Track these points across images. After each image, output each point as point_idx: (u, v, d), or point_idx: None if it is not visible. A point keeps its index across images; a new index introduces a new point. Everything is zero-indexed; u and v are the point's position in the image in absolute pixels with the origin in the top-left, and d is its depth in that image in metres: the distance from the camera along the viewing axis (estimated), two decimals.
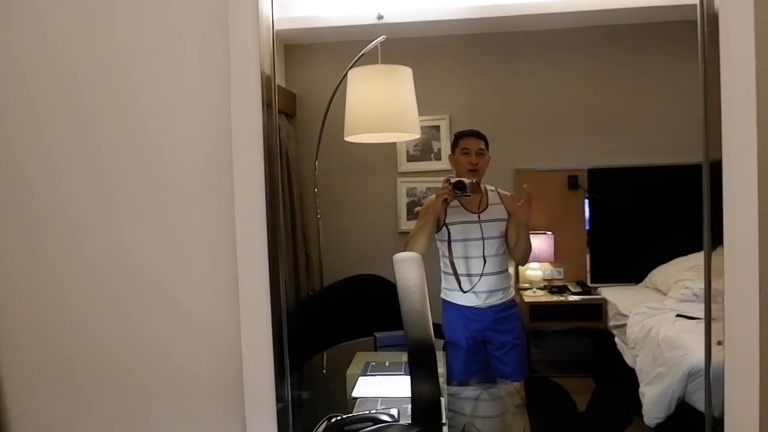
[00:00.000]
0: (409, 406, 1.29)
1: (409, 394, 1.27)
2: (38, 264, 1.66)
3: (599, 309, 2.48)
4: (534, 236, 2.41)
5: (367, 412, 1.62)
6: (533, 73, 2.43)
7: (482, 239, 2.32)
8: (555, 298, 2.50)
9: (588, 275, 2.52)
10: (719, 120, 1.39)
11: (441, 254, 2.34)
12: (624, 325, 2.39)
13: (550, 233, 2.49)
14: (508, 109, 2.45)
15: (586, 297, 2.49)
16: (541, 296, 2.51)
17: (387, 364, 2.09)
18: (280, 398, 1.51)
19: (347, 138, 2.32)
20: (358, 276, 2.41)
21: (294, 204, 2.37)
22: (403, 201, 2.52)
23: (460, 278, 2.32)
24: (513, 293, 2.41)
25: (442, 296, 2.36)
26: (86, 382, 1.66)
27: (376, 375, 2.01)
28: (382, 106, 2.35)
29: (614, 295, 2.49)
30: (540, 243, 2.47)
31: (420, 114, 2.35)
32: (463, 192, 2.26)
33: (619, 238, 2.51)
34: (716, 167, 1.42)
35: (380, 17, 2.27)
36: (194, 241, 1.60)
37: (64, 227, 1.64)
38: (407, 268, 1.32)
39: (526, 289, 2.52)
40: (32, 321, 1.67)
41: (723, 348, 1.43)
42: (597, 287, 2.51)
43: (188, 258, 1.61)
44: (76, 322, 1.66)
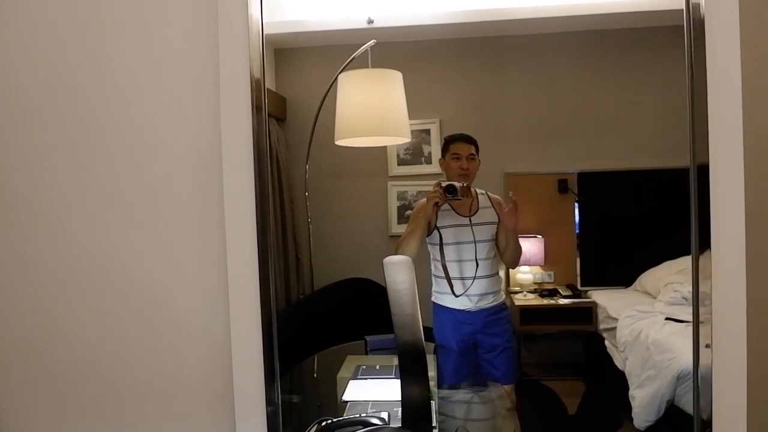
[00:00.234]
0: (400, 410, 1.29)
1: (400, 398, 1.27)
2: (26, 267, 1.66)
3: (589, 312, 2.48)
4: (524, 240, 2.41)
5: (358, 416, 1.62)
6: (523, 77, 2.44)
7: (474, 242, 2.32)
8: (545, 302, 2.50)
9: (578, 278, 2.52)
10: (706, 124, 1.40)
11: (432, 258, 2.34)
12: (614, 329, 2.40)
13: (540, 237, 2.49)
14: (498, 113, 2.46)
15: (576, 300, 2.50)
16: (532, 300, 2.51)
17: (378, 368, 2.09)
18: (270, 402, 1.51)
19: (338, 142, 2.32)
20: (349, 279, 2.40)
21: (284, 207, 2.36)
22: (394, 205, 2.52)
23: (453, 282, 2.32)
24: (503, 296, 2.41)
25: (433, 299, 2.36)
26: (76, 387, 1.66)
27: (367, 378, 2.01)
28: (373, 110, 2.35)
29: (604, 299, 2.49)
30: (530, 246, 2.47)
31: (410, 118, 2.35)
32: (454, 196, 2.26)
33: (609, 242, 2.51)
34: (703, 171, 1.43)
35: (370, 21, 2.27)
36: (184, 245, 1.60)
37: (53, 231, 1.64)
38: (398, 272, 1.32)
39: (517, 293, 2.52)
40: (21, 325, 1.67)
41: (711, 351, 1.44)
42: (587, 290, 2.51)
43: (178, 261, 1.60)
44: (66, 326, 1.65)
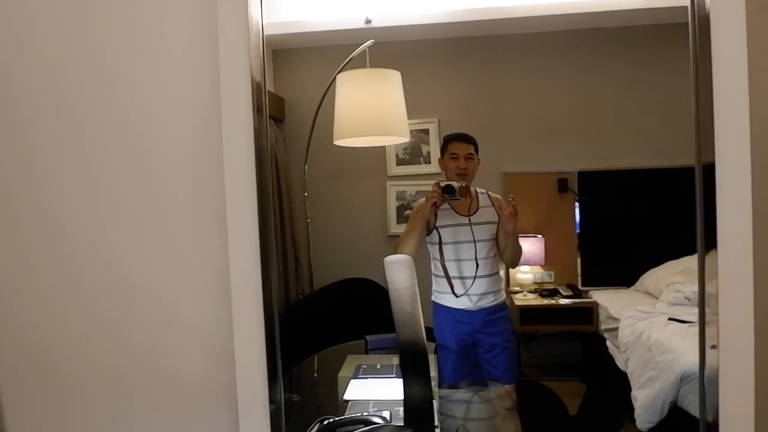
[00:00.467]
0: (401, 409, 1.28)
1: (401, 397, 1.26)
2: (26, 271, 1.64)
3: (590, 312, 2.48)
4: (524, 239, 2.41)
5: (360, 414, 1.62)
6: (522, 76, 2.44)
7: (473, 242, 2.31)
8: (545, 302, 2.50)
9: (579, 278, 2.52)
10: (711, 121, 1.39)
11: (432, 257, 2.34)
12: (615, 329, 2.39)
13: (541, 236, 2.49)
14: (497, 112, 2.45)
15: (577, 300, 2.49)
16: (532, 299, 2.51)
17: (378, 367, 2.08)
18: (273, 400, 1.51)
19: (336, 142, 2.31)
20: (348, 279, 2.40)
21: (283, 208, 2.36)
22: (393, 204, 2.52)
23: (453, 281, 2.32)
24: (504, 296, 2.40)
25: (433, 299, 2.35)
26: (78, 388, 1.65)
27: (368, 378, 2.01)
28: (371, 110, 2.35)
29: (605, 299, 2.49)
30: (530, 246, 2.47)
31: (409, 117, 2.34)
32: (452, 196, 2.25)
33: (610, 242, 2.51)
34: (708, 169, 1.41)
35: (368, 21, 2.26)
36: (186, 246, 1.59)
37: (52, 233, 1.63)
38: (398, 271, 1.31)
39: (517, 293, 2.51)
40: (21, 328, 1.66)
41: (717, 352, 1.43)
42: (588, 290, 2.51)
43: (179, 262, 1.60)
44: (67, 329, 1.64)
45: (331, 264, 2.48)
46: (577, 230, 2.50)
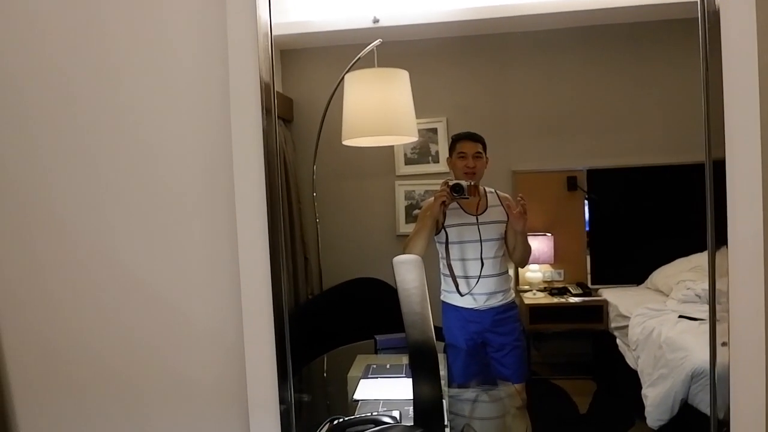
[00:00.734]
0: (411, 408, 1.28)
1: (411, 397, 1.26)
2: (36, 273, 1.65)
3: (600, 311, 2.47)
4: (533, 238, 2.40)
5: (369, 414, 1.62)
6: (530, 74, 2.42)
7: (480, 241, 2.31)
8: (555, 300, 2.49)
9: (588, 277, 2.51)
10: (721, 118, 1.38)
11: (440, 256, 2.33)
12: (625, 327, 2.38)
13: (550, 235, 2.48)
14: (506, 111, 2.44)
15: (587, 299, 2.48)
16: (541, 298, 2.50)
17: (388, 367, 2.08)
18: (283, 400, 1.51)
19: (345, 142, 2.31)
20: (357, 279, 2.40)
21: (292, 208, 2.36)
22: (402, 204, 2.51)
23: (458, 280, 2.31)
24: (513, 295, 2.39)
25: (442, 298, 2.35)
26: (89, 390, 1.66)
27: (377, 378, 2.01)
28: (379, 110, 2.35)
29: (615, 297, 2.47)
30: (539, 245, 2.46)
31: (417, 117, 2.34)
32: (461, 195, 2.25)
33: (620, 239, 2.50)
34: (718, 166, 1.41)
35: (376, 21, 2.26)
36: (196, 247, 1.60)
37: (63, 235, 1.64)
38: (407, 271, 1.31)
39: (526, 291, 2.50)
40: (32, 331, 1.67)
41: (728, 349, 1.42)
42: (597, 289, 2.50)
43: (190, 263, 1.60)
44: (78, 331, 1.65)
45: (341, 264, 2.48)
46: (587, 228, 2.49)
